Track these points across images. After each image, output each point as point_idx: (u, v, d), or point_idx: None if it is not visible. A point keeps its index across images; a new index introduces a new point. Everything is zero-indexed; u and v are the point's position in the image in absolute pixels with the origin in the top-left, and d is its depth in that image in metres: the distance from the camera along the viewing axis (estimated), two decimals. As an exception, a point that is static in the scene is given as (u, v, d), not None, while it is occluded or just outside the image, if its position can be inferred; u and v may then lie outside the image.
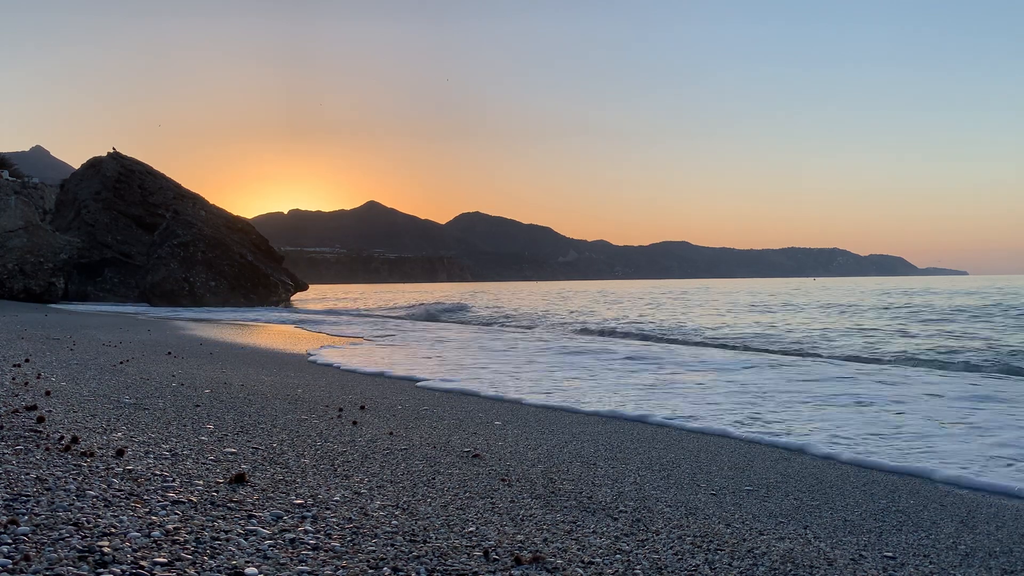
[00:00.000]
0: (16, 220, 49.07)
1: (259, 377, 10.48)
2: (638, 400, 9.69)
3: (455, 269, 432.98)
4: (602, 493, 4.92)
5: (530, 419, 8.09)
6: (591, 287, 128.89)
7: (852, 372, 13.07)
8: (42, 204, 56.01)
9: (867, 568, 3.79)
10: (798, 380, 11.82)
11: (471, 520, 4.01)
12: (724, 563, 3.66)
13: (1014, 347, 17.26)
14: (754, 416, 8.55)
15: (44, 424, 5.41)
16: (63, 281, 47.62)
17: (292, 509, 3.87)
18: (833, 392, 10.50)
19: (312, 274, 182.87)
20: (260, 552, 3.17)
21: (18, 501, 3.46)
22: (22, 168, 71.30)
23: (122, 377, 9.07)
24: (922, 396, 10.14)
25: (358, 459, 5.34)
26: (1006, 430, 7.71)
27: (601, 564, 3.49)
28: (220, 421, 6.40)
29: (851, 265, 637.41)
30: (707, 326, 26.59)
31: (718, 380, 11.86)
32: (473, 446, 6.23)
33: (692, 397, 10.03)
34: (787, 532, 4.33)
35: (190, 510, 3.63)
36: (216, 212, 51.08)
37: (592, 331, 25.68)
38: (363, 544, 3.43)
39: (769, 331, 23.80)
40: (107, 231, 51.01)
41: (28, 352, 11.35)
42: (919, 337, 21.01)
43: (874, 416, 8.59)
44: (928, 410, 9.01)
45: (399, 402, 8.76)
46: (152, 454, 4.80)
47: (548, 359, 15.37)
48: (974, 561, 4.02)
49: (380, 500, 4.25)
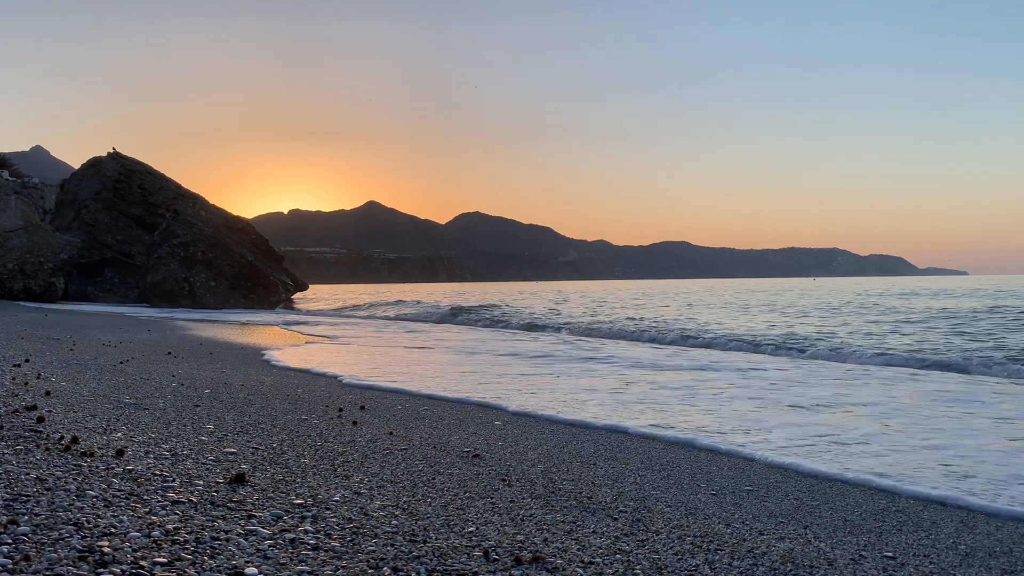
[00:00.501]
0: (16, 220, 49.08)
1: (259, 377, 10.48)
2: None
3: (455, 269, 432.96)
4: (602, 493, 4.92)
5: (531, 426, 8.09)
6: (592, 287, 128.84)
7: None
8: (42, 204, 56.01)
9: (867, 568, 3.79)
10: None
11: (471, 520, 4.01)
12: (724, 563, 3.66)
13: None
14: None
15: (44, 424, 5.41)
16: (63, 281, 47.62)
17: (292, 509, 3.87)
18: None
19: (312, 274, 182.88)
20: (260, 552, 3.17)
21: (18, 501, 3.46)
22: (22, 168, 71.32)
23: (122, 377, 9.08)
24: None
25: (358, 459, 5.34)
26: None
27: (601, 564, 3.49)
28: (220, 421, 6.40)
29: (851, 265, 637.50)
30: (813, 334, 21.19)
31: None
32: (473, 446, 6.23)
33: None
34: (787, 532, 4.33)
35: (190, 510, 3.63)
36: (216, 212, 51.08)
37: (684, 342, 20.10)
38: (363, 544, 3.43)
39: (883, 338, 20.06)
40: (107, 231, 51.02)
41: (28, 352, 11.35)
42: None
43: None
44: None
45: (399, 402, 8.76)
46: (152, 454, 4.80)
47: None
48: (974, 561, 4.02)
49: (380, 500, 4.25)
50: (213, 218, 49.57)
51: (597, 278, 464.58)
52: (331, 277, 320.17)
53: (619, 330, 23.79)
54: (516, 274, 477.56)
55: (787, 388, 10.86)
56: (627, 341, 21.08)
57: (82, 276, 49.73)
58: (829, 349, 17.12)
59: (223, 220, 50.37)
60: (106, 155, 54.84)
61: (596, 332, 23.83)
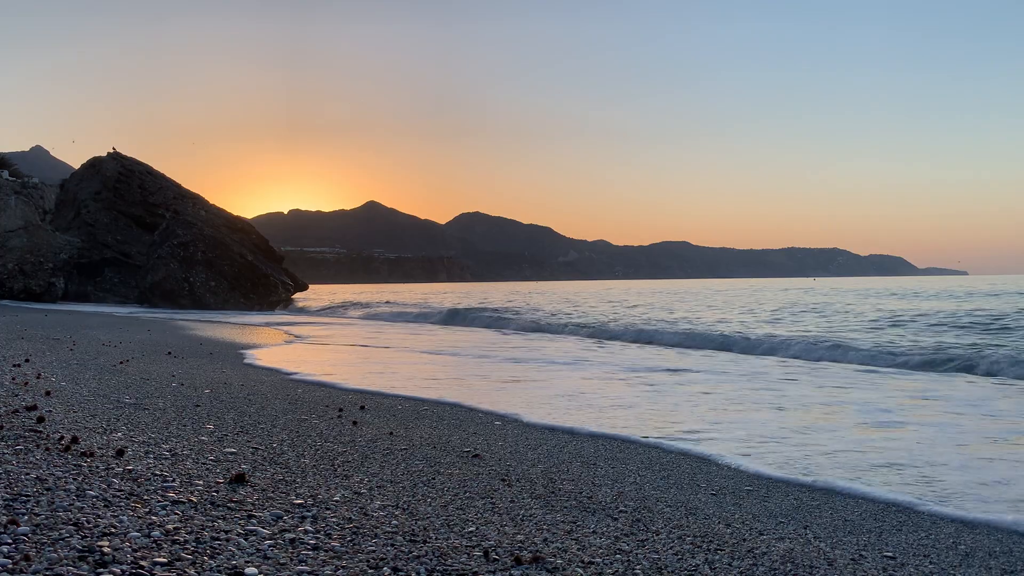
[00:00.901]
0: (16, 220, 49.09)
1: (259, 377, 10.48)
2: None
3: (455, 269, 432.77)
4: (602, 493, 4.92)
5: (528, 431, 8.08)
6: (593, 287, 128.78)
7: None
8: (42, 204, 55.96)
9: (867, 568, 3.79)
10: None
11: (471, 520, 4.01)
12: (724, 563, 3.66)
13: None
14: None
15: (44, 424, 5.41)
16: (63, 281, 47.62)
17: (292, 509, 3.87)
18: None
19: (312, 274, 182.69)
20: (260, 552, 3.17)
21: (18, 501, 3.45)
22: (22, 168, 71.25)
23: (122, 377, 9.07)
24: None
25: (358, 459, 5.34)
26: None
27: (601, 564, 3.49)
28: (220, 421, 6.40)
29: (851, 265, 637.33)
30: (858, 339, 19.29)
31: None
32: (473, 446, 6.23)
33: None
34: (787, 532, 4.33)
35: (190, 510, 3.63)
36: (216, 212, 51.06)
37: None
38: (363, 544, 3.43)
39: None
40: (107, 231, 51.01)
41: (28, 352, 11.35)
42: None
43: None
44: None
45: (399, 402, 8.76)
46: (152, 454, 4.80)
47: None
48: (974, 561, 4.02)
49: (380, 500, 4.25)
50: (213, 218, 49.54)
51: (597, 278, 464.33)
52: (331, 277, 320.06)
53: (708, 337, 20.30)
54: (516, 274, 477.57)
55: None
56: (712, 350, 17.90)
57: (82, 276, 49.72)
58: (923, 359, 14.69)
59: (223, 220, 50.34)
60: (106, 155, 54.82)
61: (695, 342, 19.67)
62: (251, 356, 14.20)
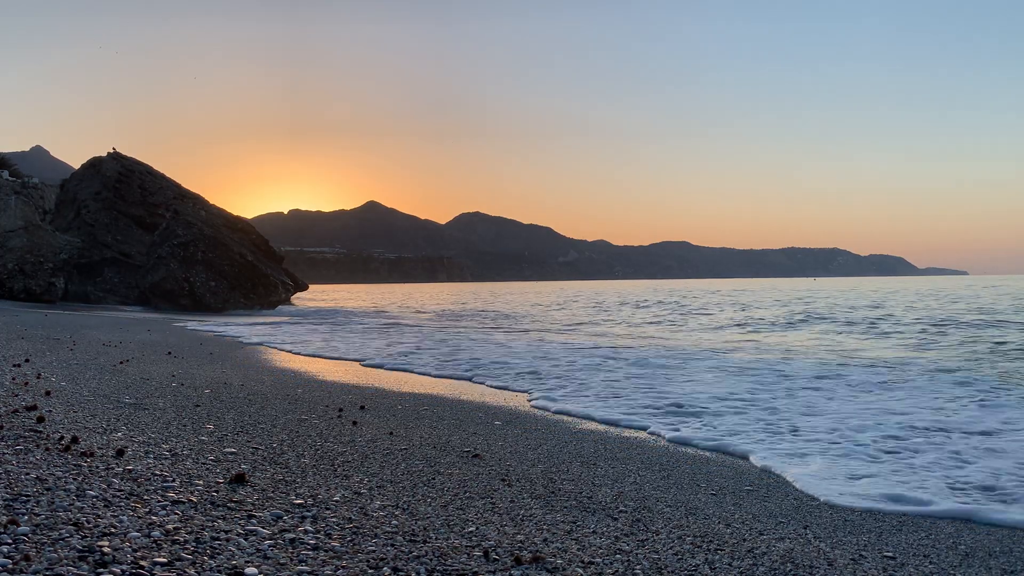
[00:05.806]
0: (16, 220, 49.09)
1: (259, 377, 10.48)
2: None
3: (455, 269, 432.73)
4: (602, 493, 4.92)
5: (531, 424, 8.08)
6: (593, 287, 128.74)
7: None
8: (42, 204, 55.96)
9: (867, 568, 3.79)
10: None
11: (471, 520, 4.01)
12: (724, 563, 3.65)
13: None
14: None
15: (44, 424, 5.41)
16: (63, 281, 47.60)
17: (292, 509, 3.86)
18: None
19: (312, 274, 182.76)
20: (260, 552, 3.17)
21: (18, 501, 3.46)
22: (22, 168, 71.24)
23: (122, 377, 9.07)
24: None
25: (358, 459, 5.34)
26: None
27: (601, 564, 3.49)
28: (220, 421, 6.40)
29: (851, 265, 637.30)
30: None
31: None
32: (473, 446, 6.23)
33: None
34: (787, 532, 4.33)
35: (190, 510, 3.63)
36: (216, 212, 51.06)
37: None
38: (363, 544, 3.43)
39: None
40: (107, 231, 51.00)
41: (28, 352, 11.35)
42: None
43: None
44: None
45: (399, 402, 8.75)
46: (152, 454, 4.80)
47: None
48: (974, 561, 4.02)
49: (380, 500, 4.25)
50: (213, 218, 49.56)
51: (597, 278, 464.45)
52: (331, 277, 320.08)
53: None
54: (516, 274, 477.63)
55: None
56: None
57: (82, 276, 49.71)
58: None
59: (223, 220, 50.36)
60: (106, 155, 54.83)
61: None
62: (251, 356, 14.20)
